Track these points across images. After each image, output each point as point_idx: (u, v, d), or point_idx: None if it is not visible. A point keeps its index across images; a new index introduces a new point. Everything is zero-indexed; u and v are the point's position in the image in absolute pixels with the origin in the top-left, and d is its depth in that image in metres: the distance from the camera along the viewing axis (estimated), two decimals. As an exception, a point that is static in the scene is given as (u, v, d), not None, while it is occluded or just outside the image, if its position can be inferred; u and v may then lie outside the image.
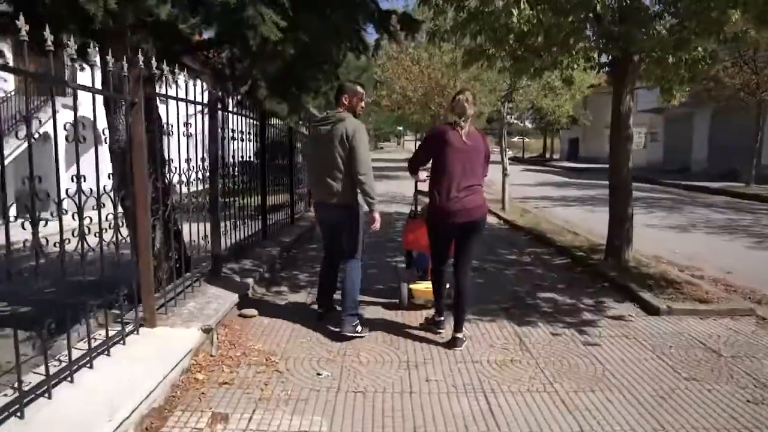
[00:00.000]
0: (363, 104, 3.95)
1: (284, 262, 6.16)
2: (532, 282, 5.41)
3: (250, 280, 4.79)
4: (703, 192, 16.11)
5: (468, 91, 3.60)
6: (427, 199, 3.87)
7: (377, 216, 3.86)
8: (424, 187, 4.08)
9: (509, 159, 10.63)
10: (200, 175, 4.36)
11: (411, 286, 4.43)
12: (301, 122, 9.07)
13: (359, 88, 3.94)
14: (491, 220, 9.89)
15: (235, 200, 5.67)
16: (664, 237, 8.44)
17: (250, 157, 6.28)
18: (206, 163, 4.53)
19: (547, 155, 40.24)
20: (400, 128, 57.76)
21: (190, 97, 3.95)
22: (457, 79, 16.75)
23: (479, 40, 6.87)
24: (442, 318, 3.89)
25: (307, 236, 8.00)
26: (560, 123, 30.94)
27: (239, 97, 6.54)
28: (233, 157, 5.52)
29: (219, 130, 4.85)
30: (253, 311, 4.22)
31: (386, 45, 19.79)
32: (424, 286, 4.35)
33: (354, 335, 3.74)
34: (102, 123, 3.53)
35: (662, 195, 15.23)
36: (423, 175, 3.94)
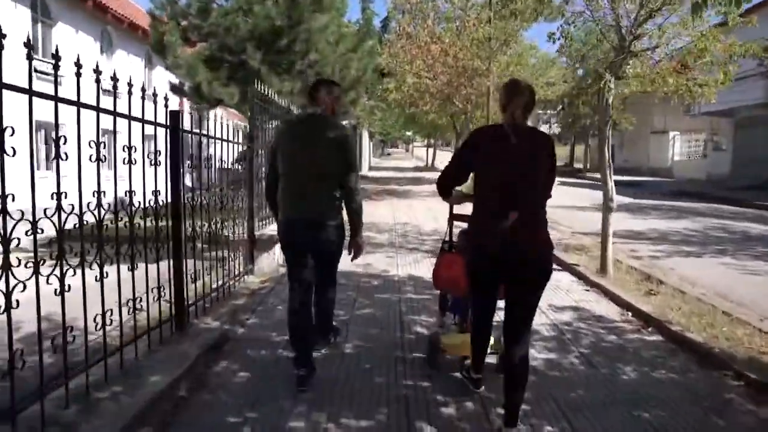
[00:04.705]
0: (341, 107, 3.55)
1: None
2: None
3: None
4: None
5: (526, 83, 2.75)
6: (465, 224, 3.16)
7: (363, 240, 3.44)
8: (461, 209, 3.23)
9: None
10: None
11: (443, 339, 3.45)
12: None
13: (336, 88, 3.40)
14: (590, 303, 5.14)
15: None
16: None
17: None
18: None
19: (579, 165, 35.19)
20: (409, 133, 52.68)
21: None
22: (493, 62, 11.97)
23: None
24: (480, 376, 3.08)
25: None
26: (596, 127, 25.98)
27: None
28: None
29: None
30: None
31: (399, 19, 15.19)
32: (460, 339, 3.34)
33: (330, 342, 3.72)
34: None
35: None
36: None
